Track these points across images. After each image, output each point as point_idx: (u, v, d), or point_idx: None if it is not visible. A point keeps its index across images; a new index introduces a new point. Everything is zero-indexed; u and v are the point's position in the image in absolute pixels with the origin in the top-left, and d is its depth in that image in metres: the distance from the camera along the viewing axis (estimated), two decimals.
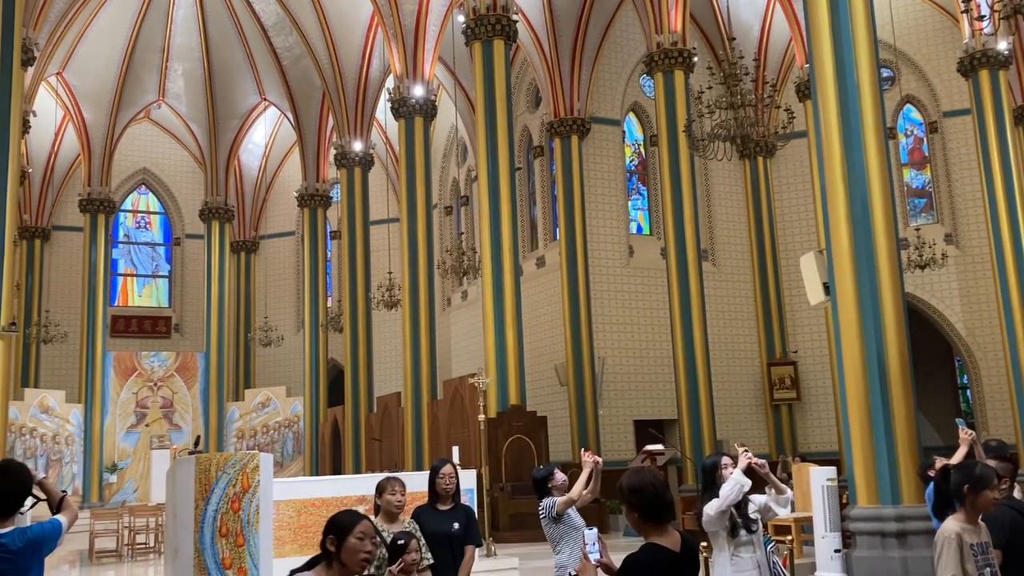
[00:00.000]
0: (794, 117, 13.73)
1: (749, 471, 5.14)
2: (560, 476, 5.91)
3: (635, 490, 3.38)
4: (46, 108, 24.99)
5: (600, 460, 6.08)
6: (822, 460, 13.03)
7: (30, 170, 26.17)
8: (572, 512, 5.85)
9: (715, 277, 21.48)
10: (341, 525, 2.94)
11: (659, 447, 12.50)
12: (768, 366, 21.61)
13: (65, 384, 25.70)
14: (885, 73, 20.08)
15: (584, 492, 5.97)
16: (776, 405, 21.51)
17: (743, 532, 5.10)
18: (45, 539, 3.65)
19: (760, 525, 5.28)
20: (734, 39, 15.17)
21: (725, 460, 5.27)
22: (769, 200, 22.43)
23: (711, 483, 5.20)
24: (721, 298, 21.58)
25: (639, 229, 22.28)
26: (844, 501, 9.71)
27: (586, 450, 6.29)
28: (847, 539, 9.13)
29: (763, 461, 5.34)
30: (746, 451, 5.23)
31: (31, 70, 19.92)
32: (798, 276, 21.81)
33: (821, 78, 9.48)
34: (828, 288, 9.52)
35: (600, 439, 19.94)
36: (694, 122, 15.33)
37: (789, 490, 5.49)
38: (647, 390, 20.74)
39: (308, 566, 2.95)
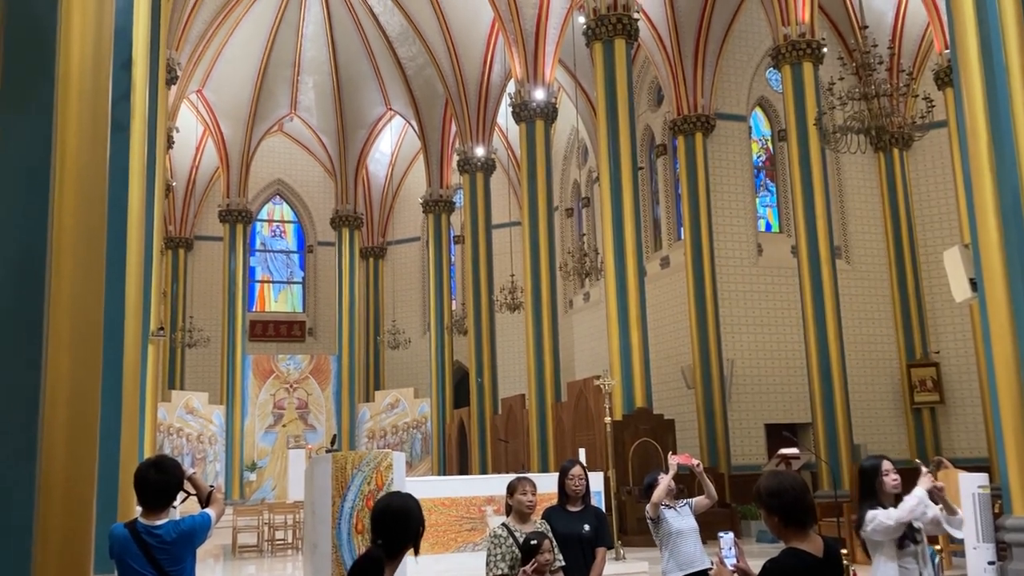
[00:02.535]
0: (933, 106, 13.04)
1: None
2: (665, 481, 5.84)
3: (774, 493, 3.27)
4: (188, 124, 26.41)
5: (699, 463, 6.03)
6: (969, 467, 12.30)
7: (174, 183, 27.70)
8: (669, 516, 5.82)
9: (849, 275, 20.65)
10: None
11: (794, 451, 12.08)
12: (908, 367, 20.60)
13: (208, 386, 27.03)
14: None
15: (701, 498, 5.94)
16: (917, 409, 20.48)
17: (910, 543, 4.88)
18: (196, 531, 3.84)
19: (924, 536, 5.02)
20: (866, 27, 14.53)
21: (886, 465, 4.98)
22: (906, 193, 21.41)
23: (871, 489, 4.88)
24: (856, 297, 20.73)
25: (768, 227, 21.67)
26: (997, 510, 9.14)
27: (673, 453, 6.24)
28: (1001, 551, 8.58)
29: (943, 484, 5.04)
30: (929, 472, 4.94)
31: (174, 88, 21.10)
32: (938, 273, 20.76)
33: (965, 62, 8.95)
34: (975, 284, 8.98)
35: (729, 443, 19.48)
36: (825, 115, 14.79)
37: (961, 511, 5.16)
38: (778, 393, 20.12)
39: None
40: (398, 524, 3.04)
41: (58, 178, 2.91)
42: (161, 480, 3.76)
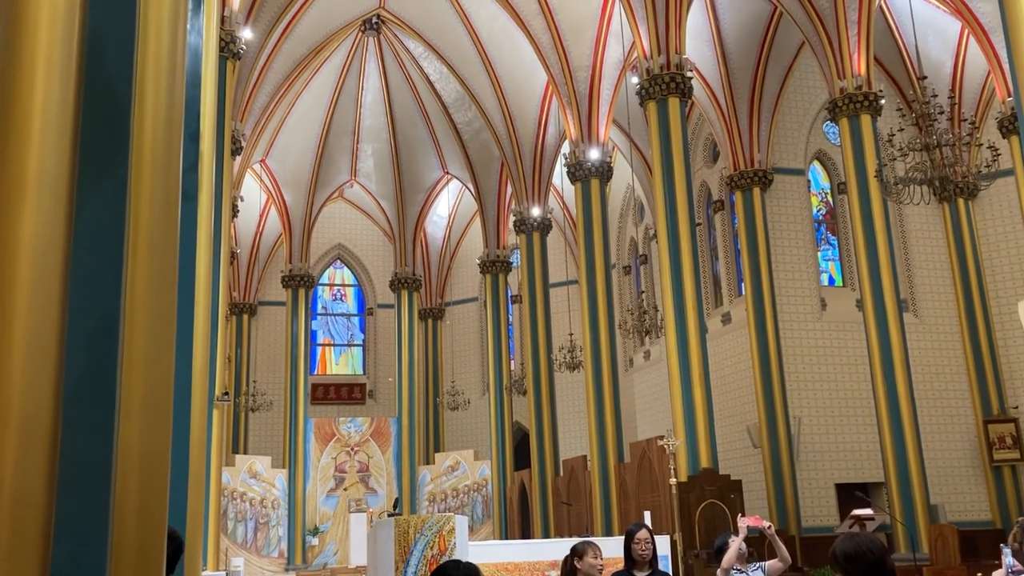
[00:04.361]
0: (999, 154, 12.79)
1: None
2: (735, 545, 5.69)
3: (851, 557, 3.15)
4: (251, 193, 27.15)
5: (771, 524, 5.88)
6: None
7: (238, 250, 28.38)
8: None
9: (917, 329, 20.11)
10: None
11: (868, 511, 11.67)
12: (985, 424, 19.84)
13: (271, 450, 27.24)
14: None
15: (774, 562, 5.78)
16: (997, 467, 19.66)
17: None
18: None
19: None
20: (924, 77, 14.36)
21: None
22: (974, 243, 20.89)
23: None
24: (926, 351, 20.15)
25: (831, 281, 21.31)
26: None
27: (742, 515, 6.09)
28: None
29: None
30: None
31: (239, 159, 21.77)
32: (1012, 324, 20.11)
33: None
34: None
35: (799, 503, 18.90)
36: (886, 166, 14.60)
37: None
38: (848, 451, 19.53)
39: None
40: None
41: (131, 248, 2.98)
42: (179, 549, 4.04)
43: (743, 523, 5.87)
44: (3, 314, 2.45)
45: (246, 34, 17.19)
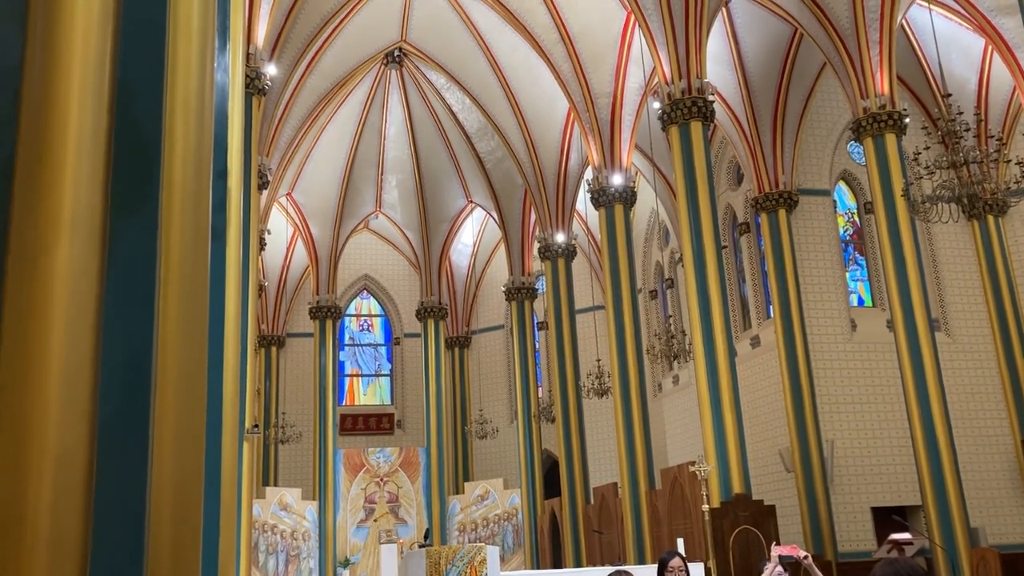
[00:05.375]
0: None
1: None
2: (768, 571, 5.62)
3: None
4: (278, 226, 27.41)
5: (807, 554, 5.78)
6: None
7: (266, 283, 28.61)
8: None
9: (951, 348, 19.83)
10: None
11: (906, 535, 11.45)
12: (1023, 443, 19.47)
13: (301, 482, 27.25)
14: None
15: None
16: None
17: None
18: None
19: None
20: (949, 95, 14.25)
21: None
22: (1005, 260, 20.63)
23: None
24: (959, 371, 19.85)
25: (860, 301, 21.09)
26: None
27: (776, 543, 6.02)
28: None
29: None
30: None
31: (265, 193, 22.01)
32: None
33: None
34: None
35: (834, 528, 18.60)
36: (912, 185, 14.49)
37: None
38: (884, 474, 19.21)
39: None
40: None
41: (162, 284, 3.01)
42: None
43: (777, 552, 5.79)
44: (39, 350, 2.49)
45: (271, 70, 17.44)
